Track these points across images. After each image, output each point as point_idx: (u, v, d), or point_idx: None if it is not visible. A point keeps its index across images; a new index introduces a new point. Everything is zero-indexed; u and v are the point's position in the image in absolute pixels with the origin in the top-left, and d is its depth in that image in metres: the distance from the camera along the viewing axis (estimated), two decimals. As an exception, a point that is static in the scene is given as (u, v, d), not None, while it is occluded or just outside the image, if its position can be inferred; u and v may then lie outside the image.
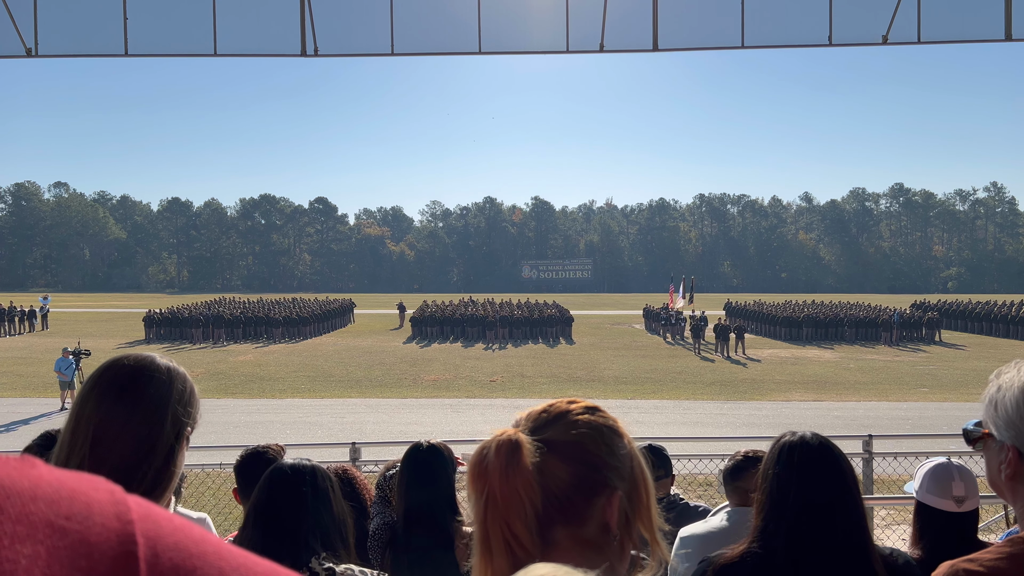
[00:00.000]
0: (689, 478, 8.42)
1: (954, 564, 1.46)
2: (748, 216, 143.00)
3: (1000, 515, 6.72)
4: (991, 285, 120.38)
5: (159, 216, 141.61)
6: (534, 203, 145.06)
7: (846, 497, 1.96)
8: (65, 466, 1.27)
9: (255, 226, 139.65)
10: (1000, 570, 1.41)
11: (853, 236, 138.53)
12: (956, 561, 1.46)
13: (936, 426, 16.18)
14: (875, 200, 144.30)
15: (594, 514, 1.14)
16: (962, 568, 1.44)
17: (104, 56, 8.91)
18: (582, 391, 21.77)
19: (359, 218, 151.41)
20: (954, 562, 1.47)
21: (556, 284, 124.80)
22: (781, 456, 2.03)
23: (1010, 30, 8.26)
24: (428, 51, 9.12)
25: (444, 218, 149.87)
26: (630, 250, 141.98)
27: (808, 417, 17.82)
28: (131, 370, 1.39)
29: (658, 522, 1.20)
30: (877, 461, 7.96)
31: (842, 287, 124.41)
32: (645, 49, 8.69)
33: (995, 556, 1.44)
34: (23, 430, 16.40)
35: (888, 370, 27.56)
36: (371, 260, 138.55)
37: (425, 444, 3.11)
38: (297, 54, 8.65)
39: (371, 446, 8.26)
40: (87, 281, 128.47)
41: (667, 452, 3.81)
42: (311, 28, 8.56)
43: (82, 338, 30.44)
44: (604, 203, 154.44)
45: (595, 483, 1.15)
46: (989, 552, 1.47)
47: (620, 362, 29.55)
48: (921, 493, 2.54)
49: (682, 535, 2.86)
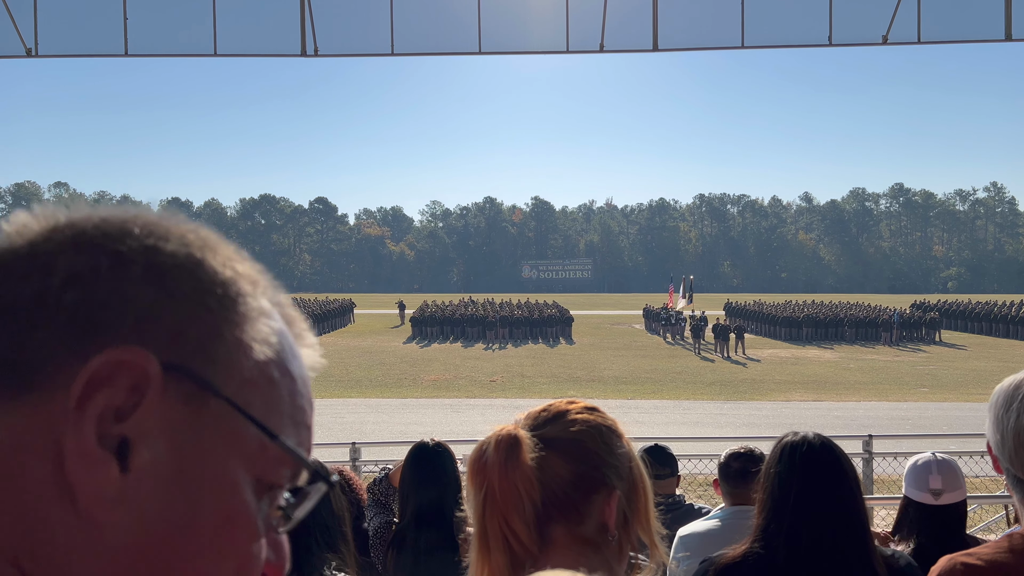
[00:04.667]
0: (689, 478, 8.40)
1: (953, 558, 1.47)
2: (748, 216, 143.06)
3: (1000, 515, 6.72)
4: (991, 285, 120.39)
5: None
6: (534, 203, 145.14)
7: (848, 497, 1.96)
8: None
9: (255, 226, 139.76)
10: (999, 564, 1.41)
11: (853, 236, 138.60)
12: (956, 555, 1.47)
13: (936, 426, 16.18)
14: (875, 200, 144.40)
15: (592, 513, 1.14)
16: (961, 561, 1.45)
17: (104, 56, 8.92)
18: (582, 391, 21.78)
19: (359, 218, 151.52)
20: (953, 555, 1.47)
21: (556, 284, 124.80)
22: (783, 456, 2.03)
23: (1010, 30, 8.26)
24: (428, 51, 9.13)
25: (444, 218, 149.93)
26: (630, 250, 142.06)
27: (808, 417, 17.81)
28: None
29: (656, 525, 1.20)
30: (877, 461, 7.97)
31: (842, 287, 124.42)
32: (645, 49, 8.70)
33: (994, 550, 1.45)
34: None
35: (888, 370, 27.56)
36: (371, 260, 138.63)
37: (432, 442, 3.09)
38: (297, 54, 8.65)
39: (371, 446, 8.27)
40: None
41: (671, 451, 3.81)
42: (311, 28, 8.56)
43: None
44: (604, 203, 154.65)
45: (594, 481, 1.15)
46: (988, 547, 1.48)
47: (620, 362, 29.55)
48: (905, 487, 2.64)
49: (681, 535, 2.86)
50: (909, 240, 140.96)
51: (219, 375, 0.47)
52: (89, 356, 0.44)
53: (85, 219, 0.49)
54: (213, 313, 0.48)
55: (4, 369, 0.44)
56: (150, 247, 0.48)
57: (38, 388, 0.44)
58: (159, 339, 0.46)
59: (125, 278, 0.46)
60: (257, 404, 0.49)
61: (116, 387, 0.44)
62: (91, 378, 0.43)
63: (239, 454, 0.48)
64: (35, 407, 0.44)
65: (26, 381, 0.44)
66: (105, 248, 0.47)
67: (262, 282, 0.53)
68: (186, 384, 0.46)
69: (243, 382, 0.48)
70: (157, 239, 0.49)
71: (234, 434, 0.48)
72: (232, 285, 0.50)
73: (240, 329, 0.49)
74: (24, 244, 0.48)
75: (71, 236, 0.48)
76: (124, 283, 0.46)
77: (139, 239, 0.48)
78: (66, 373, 0.44)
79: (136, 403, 0.44)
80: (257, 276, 0.53)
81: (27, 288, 0.45)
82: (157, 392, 0.45)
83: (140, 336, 0.45)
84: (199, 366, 0.47)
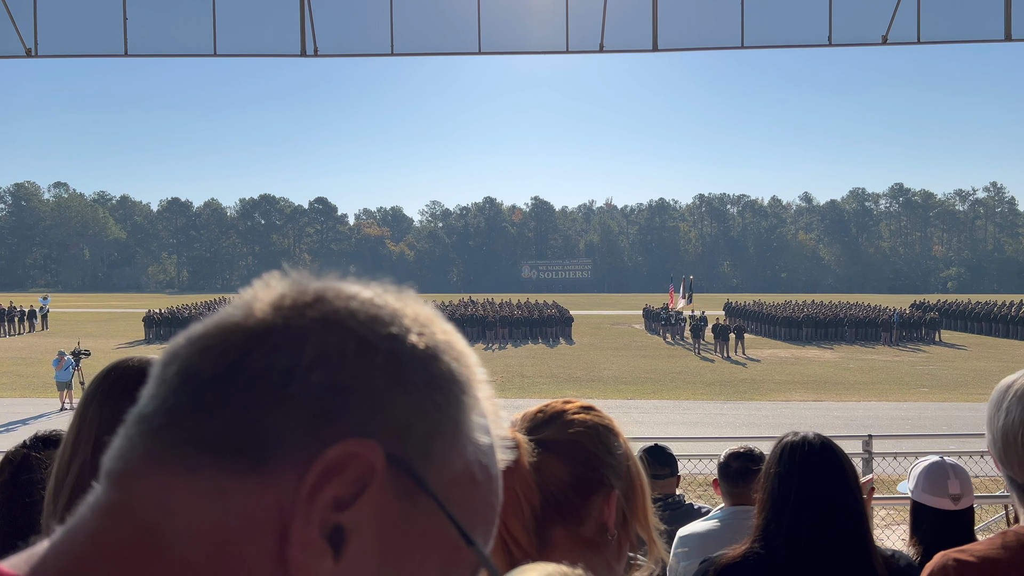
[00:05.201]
0: (689, 478, 8.41)
1: (946, 554, 1.48)
2: (748, 216, 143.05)
3: (1000, 515, 6.71)
4: (991, 285, 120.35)
5: (159, 216, 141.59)
6: (534, 203, 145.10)
7: (848, 498, 1.96)
8: (68, 467, 1.27)
9: (255, 226, 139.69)
10: (991, 560, 1.42)
11: (853, 236, 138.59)
12: (949, 551, 1.48)
13: (936, 426, 16.18)
14: (875, 200, 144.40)
15: (592, 513, 1.14)
16: (954, 557, 1.45)
17: (104, 56, 8.92)
18: (582, 391, 21.78)
19: (359, 218, 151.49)
20: (947, 552, 1.48)
21: (556, 284, 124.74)
22: (783, 456, 2.03)
23: (1010, 30, 8.26)
24: (428, 51, 9.13)
25: (444, 218, 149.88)
26: (630, 250, 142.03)
27: (808, 417, 17.81)
28: (136, 371, 1.39)
29: (654, 521, 1.20)
30: (877, 461, 7.96)
31: (842, 287, 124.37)
32: (645, 49, 8.70)
33: (987, 547, 1.46)
34: (23, 430, 16.39)
35: (888, 370, 27.56)
36: (371, 260, 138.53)
37: None
38: (297, 54, 8.65)
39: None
40: (87, 281, 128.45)
41: (671, 451, 3.81)
42: (311, 28, 8.56)
43: (82, 338, 30.44)
44: (604, 203, 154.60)
45: (592, 482, 1.14)
46: (982, 544, 1.49)
47: (620, 362, 29.55)
48: (917, 492, 2.53)
49: (681, 535, 2.86)
50: (909, 240, 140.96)
51: (432, 473, 0.47)
52: (325, 442, 0.44)
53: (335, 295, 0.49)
54: (439, 409, 0.48)
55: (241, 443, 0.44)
56: (393, 335, 0.48)
57: (271, 465, 0.44)
58: (388, 431, 0.46)
59: (368, 365, 0.46)
60: (459, 504, 0.48)
61: (345, 479, 0.44)
62: (326, 468, 0.44)
63: (436, 554, 0.48)
64: (265, 484, 0.44)
65: (260, 457, 0.44)
66: (354, 332, 0.47)
67: (480, 377, 0.53)
68: (403, 480, 0.46)
69: (450, 481, 0.48)
70: (400, 327, 0.49)
71: (435, 534, 0.48)
72: (458, 382, 0.50)
73: (458, 428, 0.49)
74: (275, 312, 0.48)
75: (321, 313, 0.48)
76: (366, 370, 0.46)
77: (385, 324, 0.48)
78: (299, 456, 0.44)
79: (357, 494, 0.44)
80: (478, 371, 0.53)
81: (277, 360, 0.45)
82: (379, 486, 0.45)
83: (373, 427, 0.45)
84: (418, 462, 0.47)
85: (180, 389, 0.47)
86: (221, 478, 0.44)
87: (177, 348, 0.49)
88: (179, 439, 0.45)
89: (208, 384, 0.46)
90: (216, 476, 0.44)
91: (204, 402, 0.46)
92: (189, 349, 0.48)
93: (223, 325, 0.48)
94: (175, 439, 0.45)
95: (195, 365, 0.47)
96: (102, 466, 0.48)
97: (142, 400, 0.49)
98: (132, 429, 0.48)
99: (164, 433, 0.46)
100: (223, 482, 0.44)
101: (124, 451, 0.47)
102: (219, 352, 0.47)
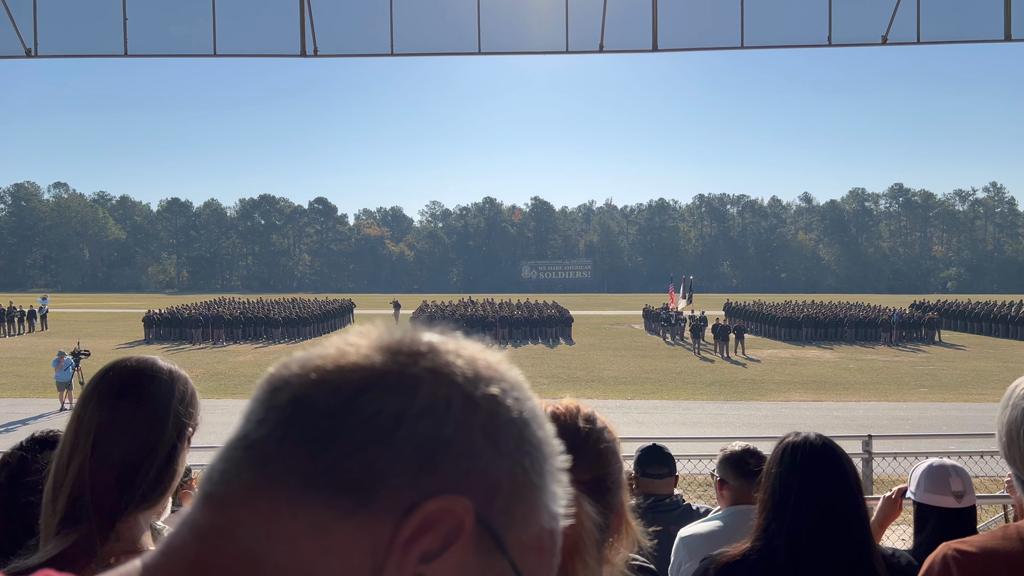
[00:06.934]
0: (689, 478, 8.42)
1: (948, 544, 1.49)
2: (748, 216, 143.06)
3: (1000, 515, 6.72)
4: (991, 285, 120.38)
5: (159, 216, 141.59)
6: (534, 203, 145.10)
7: (848, 497, 1.96)
8: (67, 466, 1.27)
9: (255, 226, 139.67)
10: (992, 549, 1.43)
11: (853, 236, 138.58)
12: (951, 542, 1.49)
13: (936, 426, 16.19)
14: (875, 200, 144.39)
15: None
16: (955, 547, 1.46)
17: (104, 56, 8.91)
18: (582, 391, 21.78)
19: (359, 218, 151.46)
20: (949, 543, 1.49)
21: (556, 284, 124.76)
22: (784, 456, 2.03)
23: (1010, 30, 8.26)
24: (428, 51, 9.12)
25: (444, 218, 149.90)
26: (630, 250, 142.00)
27: (808, 417, 17.82)
28: (134, 371, 1.39)
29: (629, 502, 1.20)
30: (877, 461, 7.98)
31: (842, 287, 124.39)
32: (645, 49, 8.69)
33: (988, 538, 1.47)
34: (23, 431, 16.39)
35: (888, 370, 27.56)
36: (371, 260, 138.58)
37: None
38: (297, 54, 8.65)
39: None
40: (87, 281, 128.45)
41: (669, 451, 3.80)
42: (311, 28, 8.56)
43: (81, 338, 30.45)
44: (604, 203, 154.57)
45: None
46: (983, 535, 1.50)
47: (620, 362, 29.55)
48: (919, 494, 2.54)
49: (682, 535, 2.86)
50: (909, 240, 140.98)
51: (510, 535, 0.48)
52: (423, 490, 0.45)
53: (445, 348, 0.51)
54: (526, 474, 0.49)
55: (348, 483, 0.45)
56: (494, 396, 0.50)
57: (373, 508, 0.45)
58: (479, 490, 0.47)
59: (469, 422, 0.48)
60: (529, 570, 0.50)
61: (437, 533, 0.45)
62: (423, 521, 0.45)
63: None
64: (363, 526, 0.45)
65: (365, 500, 0.45)
66: (461, 388, 0.49)
67: (558, 447, 0.54)
68: (485, 539, 0.47)
69: (525, 546, 0.49)
70: (500, 389, 0.50)
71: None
72: (543, 450, 0.51)
73: (538, 495, 0.50)
74: (392, 358, 0.49)
75: (434, 364, 0.49)
76: (467, 426, 0.47)
77: (487, 384, 0.50)
78: (399, 502, 0.45)
79: (443, 548, 0.45)
80: (556, 442, 0.54)
81: (389, 404, 0.46)
82: (464, 543, 0.46)
83: (467, 484, 0.46)
84: (501, 524, 0.48)
85: (293, 418, 0.47)
86: (325, 514, 0.45)
87: (287, 375, 0.49)
88: (288, 471, 0.46)
89: (322, 417, 0.46)
90: (321, 512, 0.45)
91: (317, 436, 0.46)
92: (303, 379, 0.49)
93: (339, 361, 0.49)
94: (284, 471, 0.46)
95: (311, 395, 0.47)
96: (201, 486, 0.48)
97: (248, 423, 0.49)
98: (238, 452, 0.48)
99: (274, 464, 0.46)
100: (327, 519, 0.45)
101: (228, 475, 0.47)
102: (335, 387, 0.47)
